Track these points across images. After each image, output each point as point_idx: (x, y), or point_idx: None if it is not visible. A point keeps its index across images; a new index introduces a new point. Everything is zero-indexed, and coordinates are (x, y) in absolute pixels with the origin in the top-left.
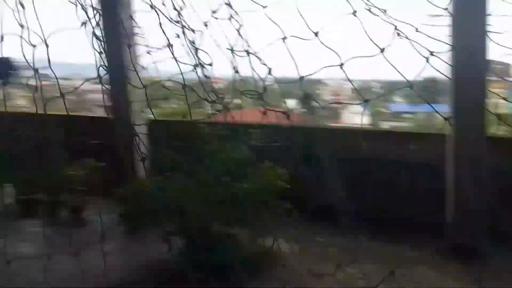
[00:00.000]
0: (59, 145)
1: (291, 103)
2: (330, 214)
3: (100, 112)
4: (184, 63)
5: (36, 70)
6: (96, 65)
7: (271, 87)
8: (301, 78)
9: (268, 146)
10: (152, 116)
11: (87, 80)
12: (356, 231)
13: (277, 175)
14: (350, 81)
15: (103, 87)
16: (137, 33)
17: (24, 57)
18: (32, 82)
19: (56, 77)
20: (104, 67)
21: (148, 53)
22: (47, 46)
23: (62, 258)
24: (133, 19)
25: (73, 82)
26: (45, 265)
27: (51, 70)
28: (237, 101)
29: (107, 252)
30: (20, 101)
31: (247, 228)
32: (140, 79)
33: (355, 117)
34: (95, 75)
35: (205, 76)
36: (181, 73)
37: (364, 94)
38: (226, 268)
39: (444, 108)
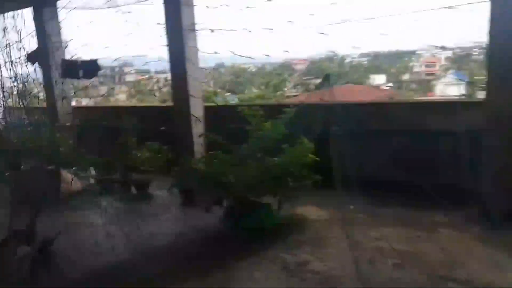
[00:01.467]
0: (131, 132)
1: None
2: (367, 185)
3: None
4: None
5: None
6: None
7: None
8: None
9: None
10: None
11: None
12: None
13: (306, 149)
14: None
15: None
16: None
17: None
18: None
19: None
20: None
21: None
22: None
23: (128, 226)
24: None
25: (166, 74)
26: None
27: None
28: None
29: (163, 220)
30: (121, 96)
31: (279, 197)
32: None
33: (450, 88)
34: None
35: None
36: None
37: (461, 62)
38: (260, 230)
39: None
